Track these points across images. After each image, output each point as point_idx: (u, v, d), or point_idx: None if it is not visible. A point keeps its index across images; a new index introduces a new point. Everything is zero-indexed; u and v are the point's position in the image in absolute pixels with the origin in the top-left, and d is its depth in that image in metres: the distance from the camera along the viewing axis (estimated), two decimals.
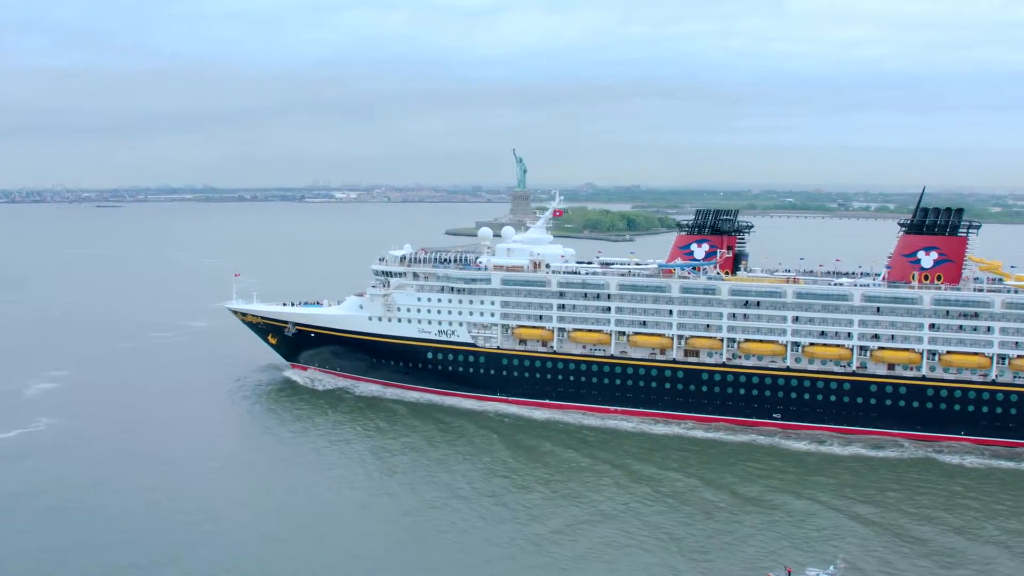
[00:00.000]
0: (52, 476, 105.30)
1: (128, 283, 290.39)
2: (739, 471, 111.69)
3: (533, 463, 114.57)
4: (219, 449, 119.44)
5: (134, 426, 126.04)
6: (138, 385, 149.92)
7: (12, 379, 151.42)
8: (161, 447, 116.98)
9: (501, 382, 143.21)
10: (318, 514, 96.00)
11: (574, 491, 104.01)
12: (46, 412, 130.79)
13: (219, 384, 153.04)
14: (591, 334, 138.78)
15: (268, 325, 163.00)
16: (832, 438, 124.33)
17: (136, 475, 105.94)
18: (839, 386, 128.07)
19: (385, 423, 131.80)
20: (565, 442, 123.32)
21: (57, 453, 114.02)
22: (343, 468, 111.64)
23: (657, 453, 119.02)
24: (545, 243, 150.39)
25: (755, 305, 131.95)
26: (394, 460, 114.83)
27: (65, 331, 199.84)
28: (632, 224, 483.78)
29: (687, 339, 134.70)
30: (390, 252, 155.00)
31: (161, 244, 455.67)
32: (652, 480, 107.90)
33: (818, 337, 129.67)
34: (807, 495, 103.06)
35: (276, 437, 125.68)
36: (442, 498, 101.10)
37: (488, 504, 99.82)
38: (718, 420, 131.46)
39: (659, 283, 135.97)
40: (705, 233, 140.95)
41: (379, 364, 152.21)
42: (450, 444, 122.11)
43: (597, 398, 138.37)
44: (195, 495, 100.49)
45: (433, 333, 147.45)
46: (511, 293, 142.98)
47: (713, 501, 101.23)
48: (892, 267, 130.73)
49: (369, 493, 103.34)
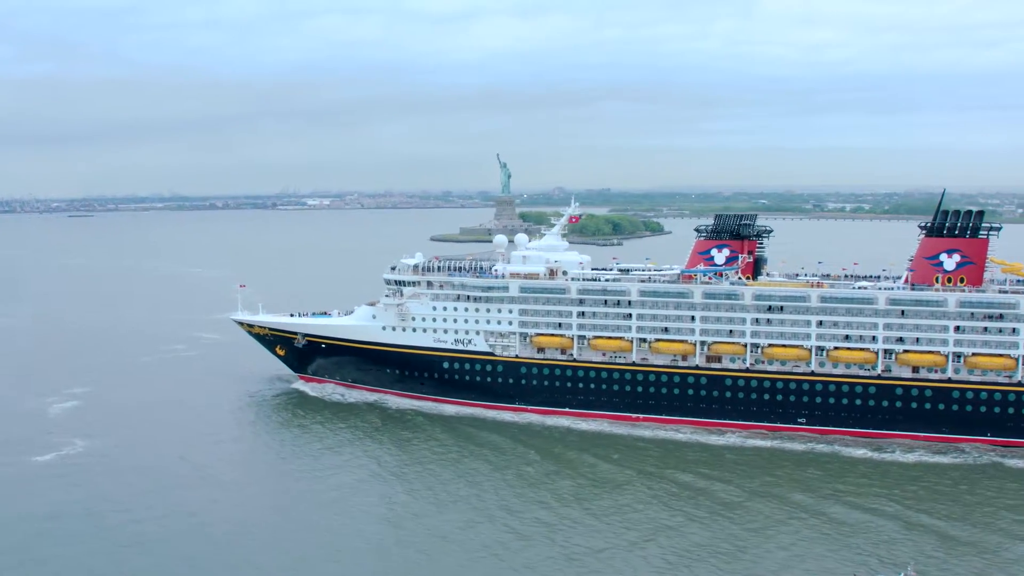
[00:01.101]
0: (102, 500, 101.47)
1: (125, 294, 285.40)
2: (791, 478, 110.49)
3: (568, 475, 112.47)
4: (251, 468, 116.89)
5: (169, 446, 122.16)
6: (162, 401, 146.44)
7: (32, 397, 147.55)
8: (197, 468, 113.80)
9: (520, 391, 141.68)
10: (348, 536, 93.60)
11: (616, 505, 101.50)
12: (77, 433, 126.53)
13: (239, 398, 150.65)
14: (612, 341, 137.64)
15: (276, 336, 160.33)
16: (893, 444, 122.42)
17: (180, 498, 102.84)
18: (864, 390, 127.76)
19: (407, 435, 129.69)
20: (597, 451, 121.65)
21: (100, 476, 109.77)
22: (371, 486, 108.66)
23: (697, 462, 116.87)
24: (561, 250, 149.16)
25: (778, 310, 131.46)
26: (420, 477, 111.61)
27: (75, 345, 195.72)
28: (618, 228, 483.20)
29: (710, 345, 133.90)
30: (401, 261, 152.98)
31: (145, 254, 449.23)
32: (701, 492, 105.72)
33: (842, 341, 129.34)
34: (871, 503, 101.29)
35: (302, 454, 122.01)
36: (473, 517, 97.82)
37: (523, 522, 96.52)
38: (743, 426, 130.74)
39: (681, 289, 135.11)
40: (725, 238, 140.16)
41: (393, 375, 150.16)
42: (477, 456, 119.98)
43: (619, 406, 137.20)
44: (241, 521, 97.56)
45: (449, 342, 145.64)
46: (529, 301, 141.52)
47: (766, 511, 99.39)
48: (915, 270, 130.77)
49: (397, 513, 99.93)
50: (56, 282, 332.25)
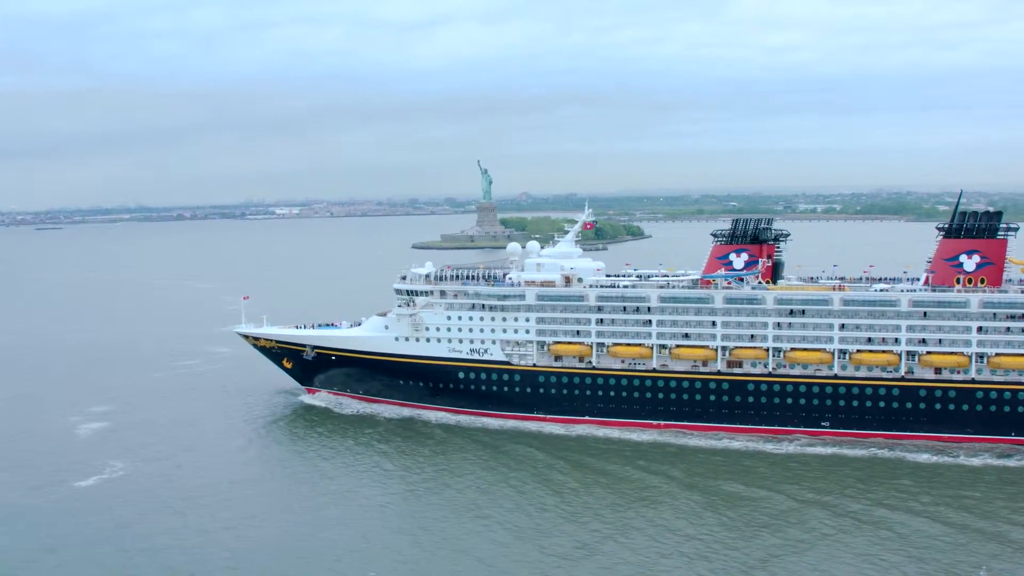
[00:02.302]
0: (160, 527, 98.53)
1: (122, 308, 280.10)
2: (838, 484, 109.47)
3: (600, 486, 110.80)
4: (285, 487, 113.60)
5: (209, 468, 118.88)
6: (186, 419, 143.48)
7: (55, 417, 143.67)
8: (239, 489, 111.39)
9: (537, 400, 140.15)
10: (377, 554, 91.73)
11: (658, 519, 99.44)
12: (114, 455, 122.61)
13: (257, 414, 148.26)
14: (631, 348, 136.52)
15: (283, 349, 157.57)
16: (958, 449, 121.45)
17: (232, 520, 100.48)
18: (888, 392, 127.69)
19: (427, 447, 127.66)
20: (628, 460, 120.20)
21: (149, 501, 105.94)
22: (397, 501, 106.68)
23: (737, 471, 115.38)
24: (575, 257, 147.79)
25: (800, 313, 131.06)
26: (448, 492, 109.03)
27: (84, 362, 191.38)
28: (600, 233, 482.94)
29: (731, 350, 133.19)
30: (411, 270, 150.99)
31: (128, 266, 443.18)
32: (745, 500, 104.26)
33: (865, 344, 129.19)
34: (933, 510, 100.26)
35: (328, 470, 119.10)
36: (505, 536, 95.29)
37: (560, 539, 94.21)
38: (766, 431, 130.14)
39: (702, 294, 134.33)
40: (744, 242, 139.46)
41: (406, 385, 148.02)
42: (504, 468, 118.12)
43: (639, 413, 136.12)
44: (284, 539, 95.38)
45: (464, 352, 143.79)
46: (546, 309, 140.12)
47: (819, 520, 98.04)
48: (936, 271, 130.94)
49: (428, 531, 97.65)
50: (44, 297, 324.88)
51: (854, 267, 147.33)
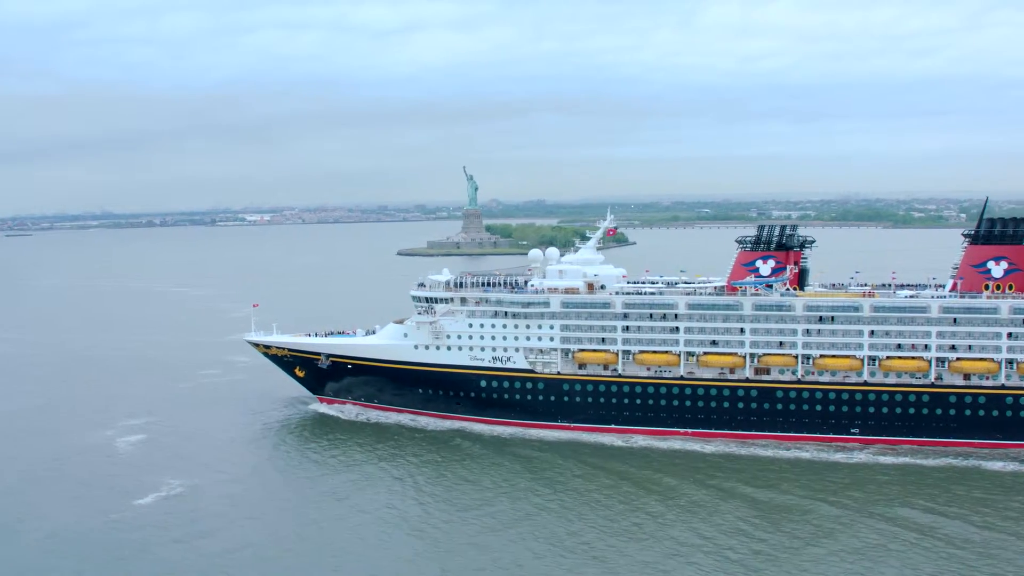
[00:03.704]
0: (238, 541, 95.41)
1: (123, 316, 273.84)
2: (881, 491, 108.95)
3: (638, 494, 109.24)
4: (329, 499, 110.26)
5: (266, 484, 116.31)
6: (225, 430, 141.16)
7: (89, 430, 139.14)
8: (296, 504, 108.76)
9: (562, 408, 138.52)
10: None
11: (705, 528, 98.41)
12: (164, 471, 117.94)
13: (289, 424, 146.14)
14: (658, 355, 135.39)
15: (296, 357, 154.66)
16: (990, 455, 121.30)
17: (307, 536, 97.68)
18: (918, 398, 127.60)
19: (455, 458, 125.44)
20: (661, 468, 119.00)
21: (214, 519, 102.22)
22: (437, 523, 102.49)
23: (791, 479, 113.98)
24: (597, 263, 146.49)
25: (829, 320, 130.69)
26: (489, 507, 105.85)
27: (101, 372, 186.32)
28: (586, 239, 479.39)
29: (759, 357, 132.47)
30: (430, 276, 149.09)
31: (116, 273, 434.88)
32: (805, 511, 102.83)
33: (895, 350, 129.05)
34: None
35: (363, 484, 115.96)
36: (547, 548, 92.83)
37: (592, 550, 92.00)
38: (795, 438, 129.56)
39: (731, 301, 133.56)
40: (771, 249, 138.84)
41: (425, 395, 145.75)
42: (534, 478, 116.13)
43: (665, 421, 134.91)
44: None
45: (487, 360, 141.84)
46: (571, 316, 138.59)
47: (876, 529, 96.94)
48: (964, 278, 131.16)
49: (452, 539, 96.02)
50: (41, 304, 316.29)
51: (862, 274, 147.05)
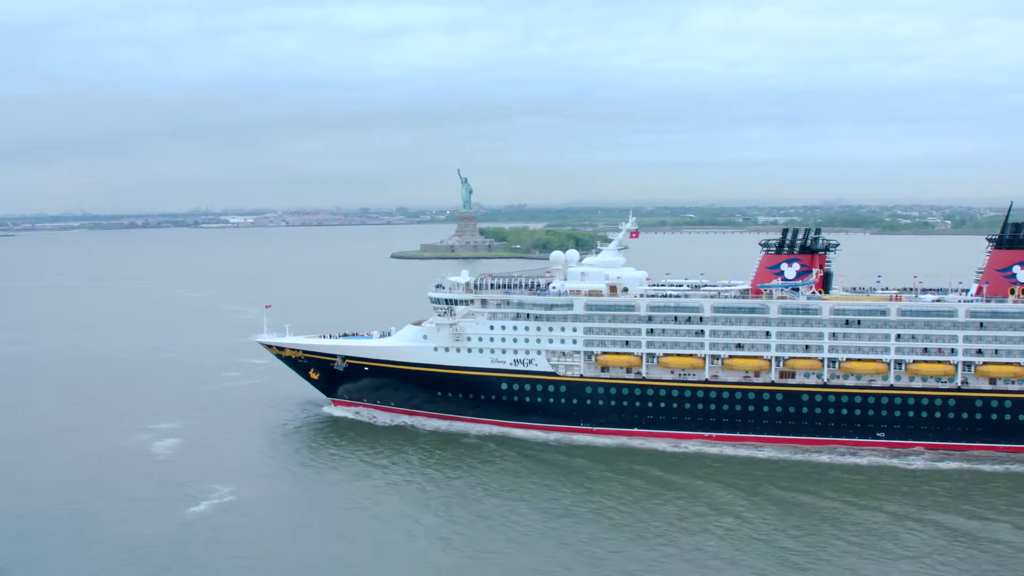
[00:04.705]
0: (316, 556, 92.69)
1: (127, 318, 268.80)
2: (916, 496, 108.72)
3: (661, 497, 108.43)
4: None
5: (315, 489, 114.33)
6: (260, 434, 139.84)
7: (121, 434, 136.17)
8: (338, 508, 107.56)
9: (585, 411, 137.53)
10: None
11: (738, 531, 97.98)
12: (210, 476, 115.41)
13: (304, 426, 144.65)
14: (683, 359, 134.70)
15: (310, 359, 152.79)
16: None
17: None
18: (944, 402, 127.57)
19: (480, 462, 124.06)
20: (689, 472, 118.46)
21: (272, 528, 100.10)
22: (464, 529, 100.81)
23: (829, 484, 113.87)
24: (619, 266, 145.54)
25: (856, 324, 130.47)
26: (516, 515, 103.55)
27: (123, 374, 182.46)
28: (580, 244, 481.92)
29: (785, 360, 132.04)
30: (448, 278, 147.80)
31: (110, 275, 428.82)
32: (817, 510, 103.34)
33: (921, 354, 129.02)
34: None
35: (395, 491, 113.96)
36: (578, 557, 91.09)
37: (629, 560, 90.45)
38: (820, 442, 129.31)
39: (756, 304, 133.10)
40: (795, 252, 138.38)
41: (444, 397, 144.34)
42: (557, 482, 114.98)
43: (689, 424, 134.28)
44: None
45: (508, 363, 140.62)
46: (595, 319, 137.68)
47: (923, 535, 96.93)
48: (989, 282, 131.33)
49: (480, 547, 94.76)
50: (39, 306, 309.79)
51: (870, 279, 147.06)
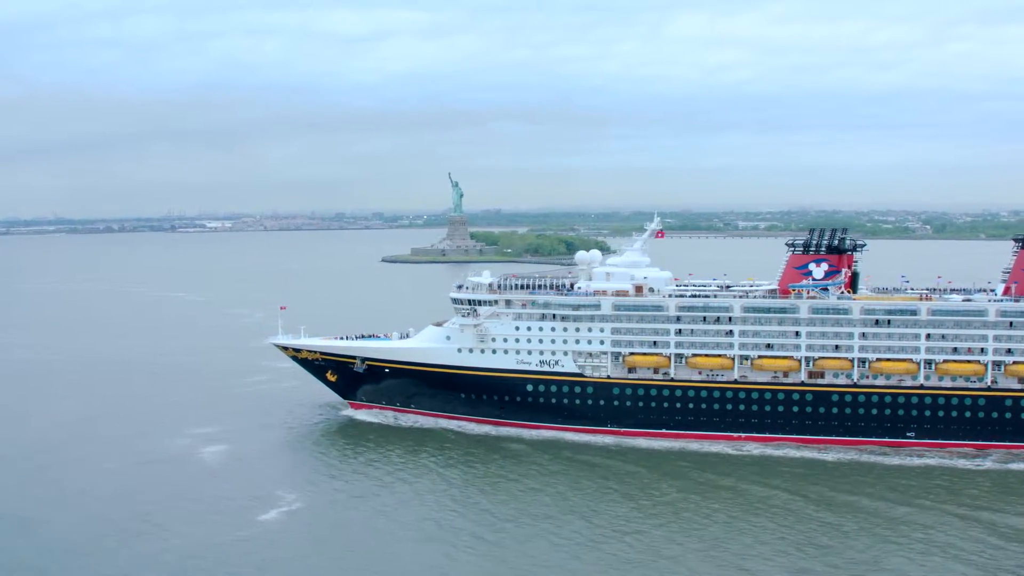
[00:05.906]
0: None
1: (135, 322, 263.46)
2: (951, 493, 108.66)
3: (709, 500, 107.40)
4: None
5: (368, 496, 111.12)
6: (302, 439, 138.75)
7: (162, 439, 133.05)
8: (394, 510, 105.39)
9: (612, 413, 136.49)
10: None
11: (779, 531, 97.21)
12: (271, 483, 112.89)
13: (350, 431, 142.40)
14: (712, 359, 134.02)
15: (328, 361, 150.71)
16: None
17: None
18: (974, 402, 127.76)
19: (512, 465, 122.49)
20: (723, 472, 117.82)
21: (346, 535, 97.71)
22: (508, 540, 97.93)
23: (867, 482, 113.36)
24: (643, 266, 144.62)
25: (886, 323, 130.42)
26: (550, 520, 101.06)
27: (147, 378, 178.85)
28: (571, 247, 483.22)
29: (814, 360, 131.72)
30: (470, 278, 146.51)
31: (102, 278, 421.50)
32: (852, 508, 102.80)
33: (951, 354, 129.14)
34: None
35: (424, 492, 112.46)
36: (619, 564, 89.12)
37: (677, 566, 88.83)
38: (851, 442, 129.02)
39: (786, 304, 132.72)
40: (822, 252, 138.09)
41: (467, 399, 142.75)
42: (604, 488, 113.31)
43: (718, 425, 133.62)
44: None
45: (534, 364, 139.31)
46: (622, 319, 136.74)
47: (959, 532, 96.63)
48: (1017, 281, 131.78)
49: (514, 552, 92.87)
50: (39, 309, 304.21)
51: (882, 280, 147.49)
